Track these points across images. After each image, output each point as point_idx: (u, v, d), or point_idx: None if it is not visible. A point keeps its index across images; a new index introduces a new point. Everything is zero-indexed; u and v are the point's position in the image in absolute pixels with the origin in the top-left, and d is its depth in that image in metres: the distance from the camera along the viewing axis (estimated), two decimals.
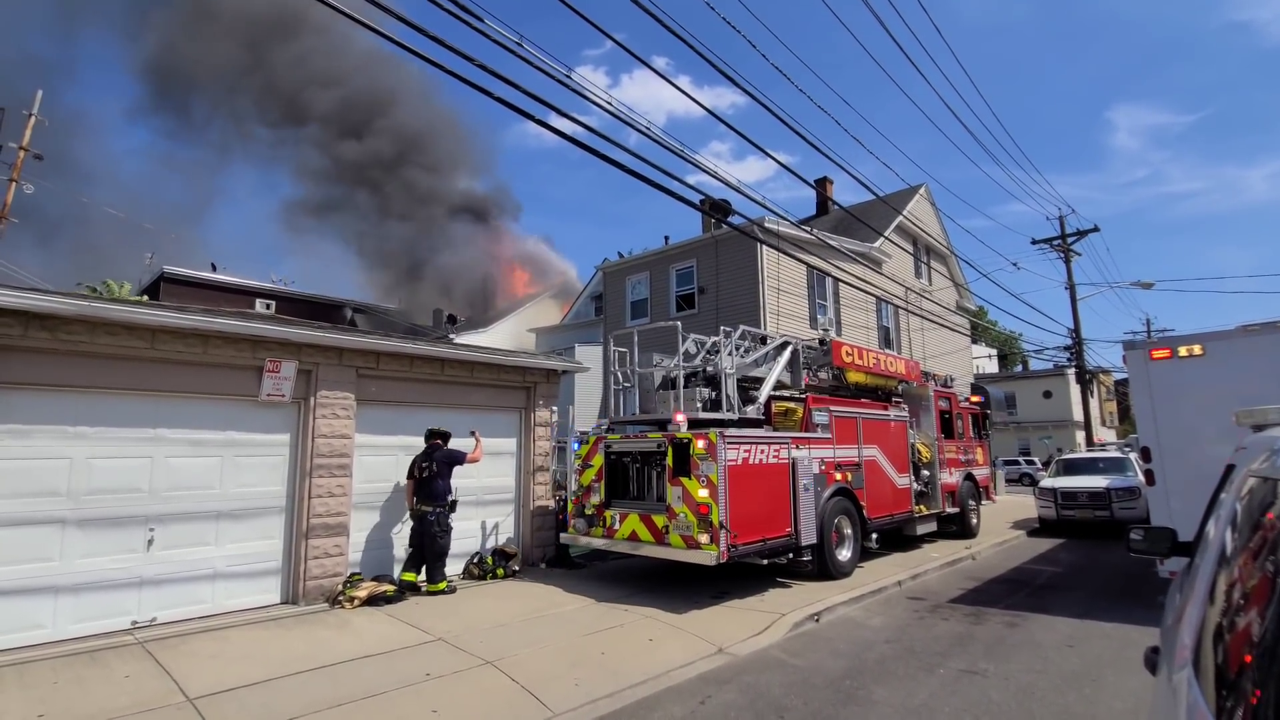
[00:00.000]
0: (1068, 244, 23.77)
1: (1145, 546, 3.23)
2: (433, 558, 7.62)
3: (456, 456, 7.91)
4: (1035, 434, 40.31)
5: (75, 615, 5.84)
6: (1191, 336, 7.35)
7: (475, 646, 5.74)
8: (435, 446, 7.91)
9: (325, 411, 7.50)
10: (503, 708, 4.53)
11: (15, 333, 5.69)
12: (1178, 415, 7.05)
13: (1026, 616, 7.03)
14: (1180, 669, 1.58)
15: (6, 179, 16.58)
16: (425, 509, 7.62)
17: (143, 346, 6.36)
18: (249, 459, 7.09)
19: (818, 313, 18.01)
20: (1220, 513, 2.19)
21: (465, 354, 9.17)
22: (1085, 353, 23.71)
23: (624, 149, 7.29)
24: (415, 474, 7.81)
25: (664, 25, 6.91)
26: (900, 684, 5.08)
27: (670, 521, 7.46)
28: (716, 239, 17.86)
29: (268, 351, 7.15)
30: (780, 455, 8.05)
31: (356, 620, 6.59)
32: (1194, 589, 1.95)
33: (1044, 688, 4.95)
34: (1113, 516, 12.88)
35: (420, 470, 7.77)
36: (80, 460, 6.04)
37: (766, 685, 5.06)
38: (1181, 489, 6.75)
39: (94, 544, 6.02)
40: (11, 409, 5.76)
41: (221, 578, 6.74)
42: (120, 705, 4.43)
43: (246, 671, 5.07)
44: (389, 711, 4.43)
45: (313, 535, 7.20)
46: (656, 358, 9.31)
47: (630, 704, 4.66)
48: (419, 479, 7.75)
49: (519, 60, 6.18)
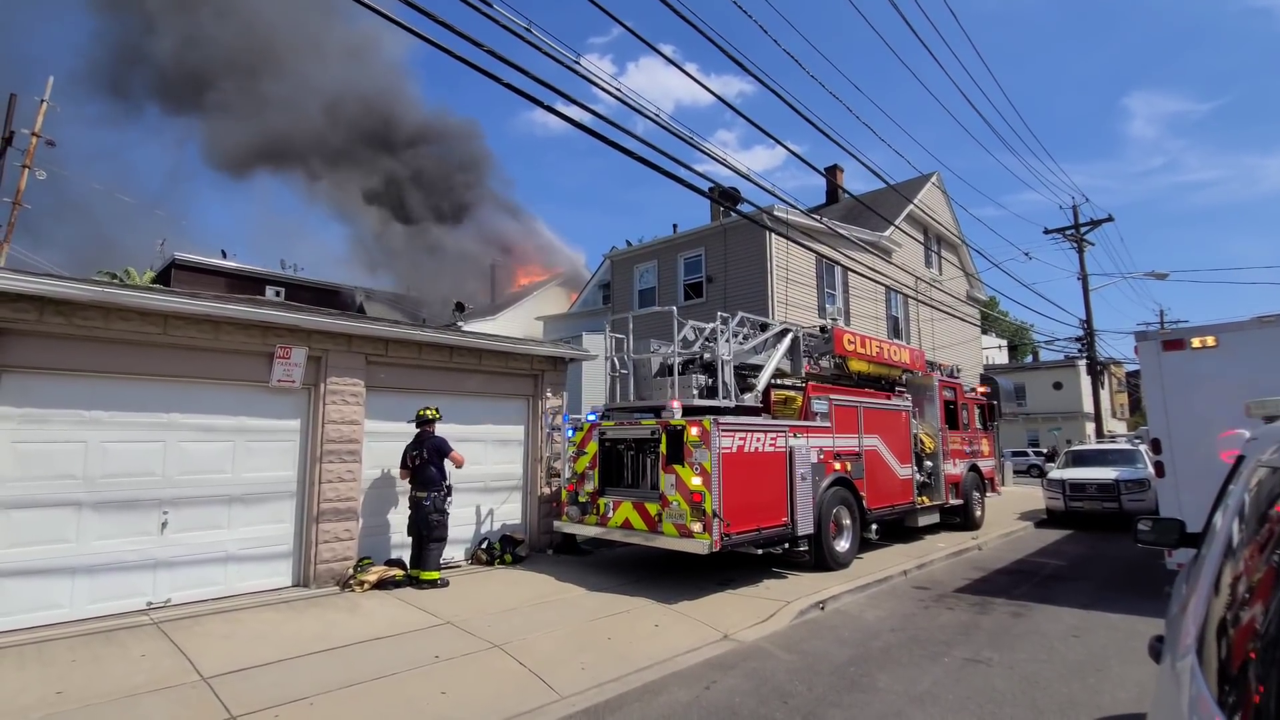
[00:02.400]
0: (1081, 234, 23.49)
1: (1153, 537, 3.22)
2: (429, 543, 7.54)
3: (444, 448, 7.78)
4: (1045, 425, 40.07)
5: (92, 595, 5.96)
6: (1205, 328, 7.27)
7: (483, 630, 5.82)
8: (426, 434, 7.83)
9: (335, 398, 7.57)
10: (510, 690, 4.59)
11: (31, 318, 5.76)
12: (1189, 407, 7.00)
13: (1032, 607, 7.04)
14: (1184, 657, 1.59)
15: (20, 165, 16.67)
16: (420, 495, 7.60)
17: (155, 332, 6.43)
18: (260, 444, 7.17)
19: (826, 302, 17.92)
20: (1228, 503, 2.18)
21: (473, 341, 9.20)
22: (1097, 344, 23.52)
23: (633, 135, 7.26)
24: (408, 463, 7.77)
25: (673, 9, 6.84)
26: (904, 672, 5.11)
27: (664, 509, 7.43)
28: (725, 227, 17.76)
29: (278, 338, 7.21)
30: (777, 443, 8.02)
31: (366, 603, 6.69)
32: (1200, 579, 1.95)
33: (1048, 677, 4.97)
34: (1121, 508, 12.83)
35: (411, 459, 7.74)
36: (95, 444, 6.13)
37: (771, 671, 5.10)
38: (1192, 481, 6.71)
39: (109, 526, 6.12)
40: (28, 393, 5.85)
41: (234, 560, 6.84)
42: (136, 683, 4.52)
43: (259, 652, 5.17)
44: (399, 692, 4.50)
45: (323, 520, 7.29)
46: (654, 344, 9.26)
47: (636, 688, 4.72)
48: (412, 467, 7.74)
49: (527, 46, 6.16)
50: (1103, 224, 23.39)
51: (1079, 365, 35.25)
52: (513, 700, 4.42)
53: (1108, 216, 23.32)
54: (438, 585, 7.40)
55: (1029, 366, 45.32)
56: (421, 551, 7.57)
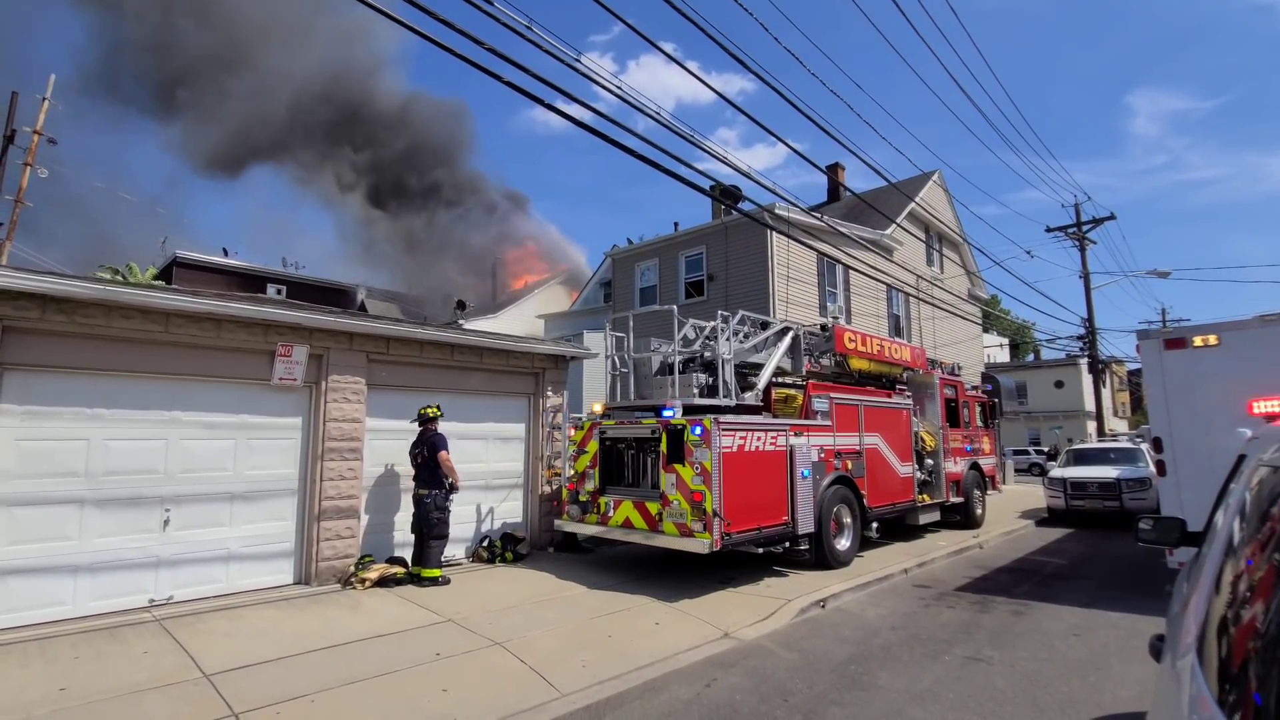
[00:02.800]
0: (1083, 232, 23.45)
1: (1154, 536, 3.22)
2: (430, 540, 7.52)
3: (439, 446, 7.68)
4: (1046, 424, 40.04)
5: (94, 593, 5.98)
6: (1207, 326, 7.26)
7: (484, 628, 5.83)
8: (428, 432, 7.81)
9: (336, 395, 7.58)
10: (512, 687, 4.60)
11: (33, 316, 5.77)
12: (1191, 406, 6.99)
13: (1033, 605, 7.04)
14: (1184, 656, 1.59)
15: (21, 163, 16.69)
16: (422, 493, 7.62)
17: (158, 330, 6.44)
18: (262, 442, 7.18)
19: (827, 300, 17.91)
20: (1229, 502, 2.18)
21: (474, 339, 9.21)
22: (1098, 342, 23.48)
23: (634, 134, 7.34)
24: (413, 460, 7.81)
25: (674, 7, 6.83)
26: (905, 670, 5.11)
27: (664, 509, 7.44)
28: (726, 225, 17.75)
29: (279, 336, 7.22)
30: (777, 442, 8.02)
31: (368, 601, 6.70)
32: (1200, 578, 1.95)
33: (1049, 675, 4.97)
34: (1123, 507, 12.82)
35: (415, 456, 7.77)
36: (97, 441, 6.14)
37: (772, 669, 5.11)
38: (1193, 480, 6.70)
39: (112, 524, 6.14)
40: (31, 391, 5.86)
41: (235, 558, 6.86)
42: (139, 680, 4.54)
43: (260, 649, 5.18)
44: (400, 690, 4.51)
45: (324, 517, 7.31)
46: (655, 343, 9.26)
47: (637, 685, 4.72)
48: (416, 465, 7.77)
49: (528, 44, 6.15)
50: (1105, 222, 23.35)
51: (1080, 364, 35.18)
52: (514, 698, 4.44)
53: (1110, 215, 23.28)
54: (439, 583, 7.40)
55: (1030, 365, 45.28)
56: (423, 549, 7.56)
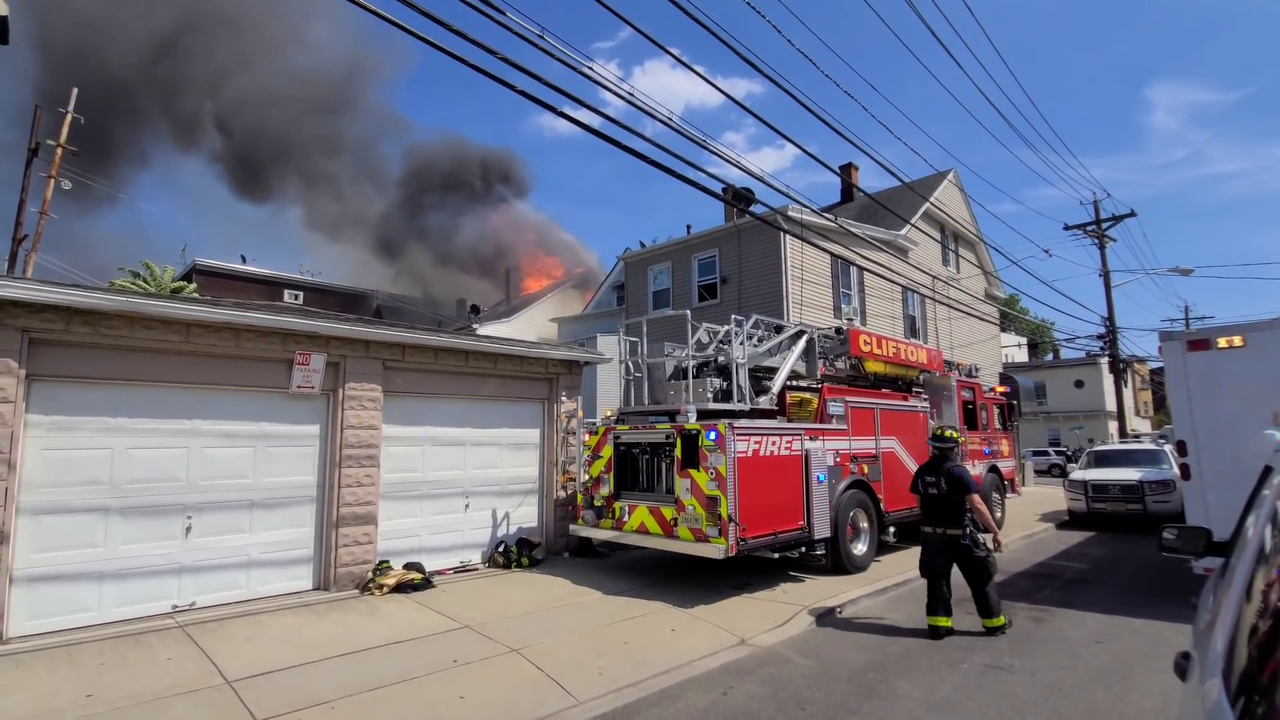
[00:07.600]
0: (1102, 230, 23.09)
1: (1179, 545, 3.15)
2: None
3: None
4: (1066, 424, 39.42)
5: (119, 599, 6.10)
6: (1232, 327, 7.12)
7: (501, 634, 5.85)
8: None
9: (353, 403, 7.66)
10: (528, 694, 4.62)
11: (58, 328, 5.89)
12: (1216, 408, 6.85)
13: (1054, 611, 6.94)
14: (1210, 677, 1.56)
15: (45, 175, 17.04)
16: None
17: (178, 340, 6.55)
18: (281, 450, 7.28)
19: (842, 302, 17.79)
20: (1260, 511, 2.13)
21: (489, 346, 9.26)
22: (1119, 342, 23.11)
23: (643, 138, 7.25)
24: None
25: (682, 9, 6.83)
26: (924, 678, 5.06)
27: (679, 514, 7.43)
28: (739, 228, 17.70)
29: (297, 344, 7.31)
30: (792, 447, 7.98)
31: (386, 607, 6.76)
32: (1229, 591, 1.91)
33: (1071, 684, 4.89)
34: (1145, 510, 12.58)
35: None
36: (121, 450, 6.26)
37: (788, 677, 5.08)
38: (1218, 484, 6.57)
39: (136, 531, 6.26)
40: (56, 401, 5.99)
41: (256, 565, 6.95)
42: (163, 686, 4.62)
43: (282, 655, 5.25)
44: (418, 696, 4.55)
45: (343, 524, 7.38)
46: (668, 347, 9.26)
47: (654, 693, 4.72)
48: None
49: (537, 51, 6.19)
50: (1124, 219, 22.96)
51: (1101, 363, 34.67)
52: (530, 705, 4.45)
53: (1130, 212, 22.89)
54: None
55: (1049, 364, 44.61)
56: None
